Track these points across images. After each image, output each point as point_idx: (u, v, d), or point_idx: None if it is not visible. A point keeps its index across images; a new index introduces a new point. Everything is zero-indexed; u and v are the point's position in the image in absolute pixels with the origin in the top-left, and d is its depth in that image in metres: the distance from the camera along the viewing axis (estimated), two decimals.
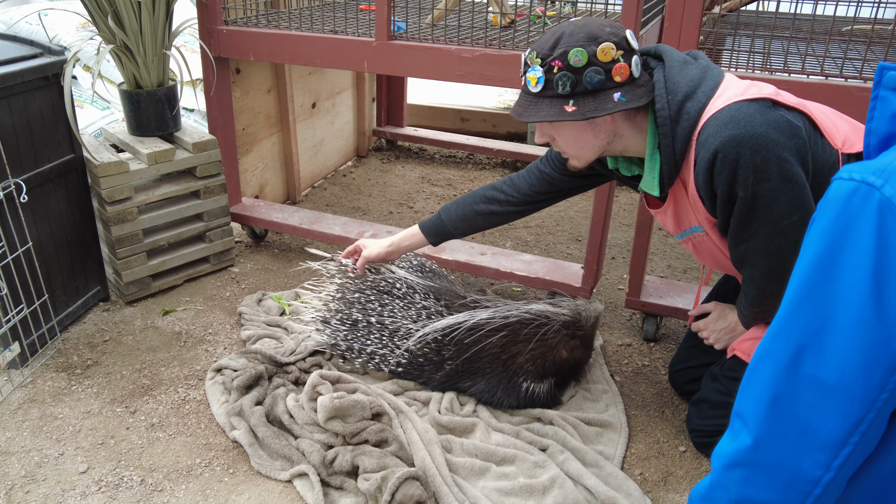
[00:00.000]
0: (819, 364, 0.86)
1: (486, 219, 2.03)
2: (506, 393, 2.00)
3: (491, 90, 4.74)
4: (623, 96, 1.50)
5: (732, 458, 0.96)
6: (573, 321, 1.98)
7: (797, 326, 0.87)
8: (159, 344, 2.30)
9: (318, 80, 3.52)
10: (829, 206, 0.85)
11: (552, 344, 1.97)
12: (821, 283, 0.85)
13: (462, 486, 1.74)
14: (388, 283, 2.11)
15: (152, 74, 2.48)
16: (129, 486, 1.73)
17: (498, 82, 2.20)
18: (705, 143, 1.46)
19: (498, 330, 1.96)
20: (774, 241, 1.50)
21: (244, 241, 3.01)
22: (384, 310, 2.06)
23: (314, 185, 3.69)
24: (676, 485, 1.81)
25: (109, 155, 2.39)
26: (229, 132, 2.81)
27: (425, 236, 2.10)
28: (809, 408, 0.87)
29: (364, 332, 2.09)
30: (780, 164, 1.41)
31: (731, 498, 0.97)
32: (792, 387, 0.88)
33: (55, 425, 1.92)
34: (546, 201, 2.01)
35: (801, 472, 0.89)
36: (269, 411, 1.92)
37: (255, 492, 1.73)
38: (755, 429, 0.93)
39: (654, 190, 1.64)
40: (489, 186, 2.03)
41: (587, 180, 1.94)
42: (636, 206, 3.49)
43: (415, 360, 2.04)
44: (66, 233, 2.31)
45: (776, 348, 0.90)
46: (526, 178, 1.98)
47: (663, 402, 2.11)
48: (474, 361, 2.00)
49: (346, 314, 2.12)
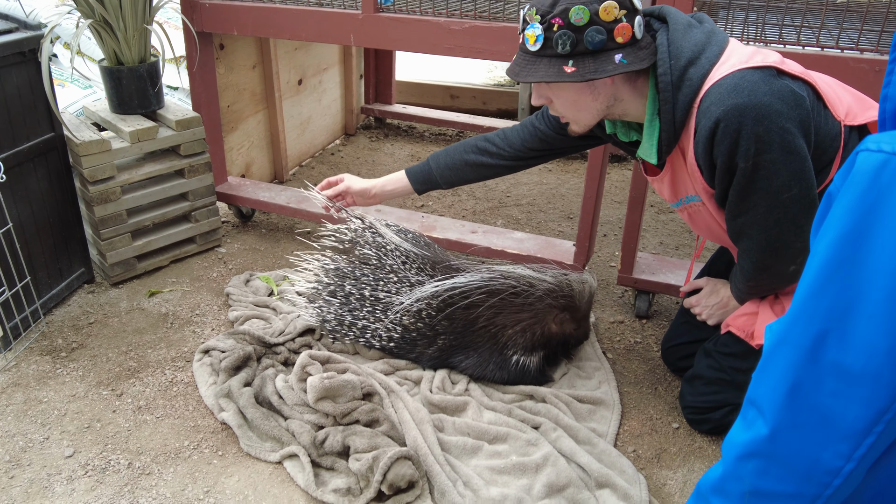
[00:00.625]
0: (843, 350, 0.80)
1: (476, 170, 1.98)
2: (497, 366, 1.98)
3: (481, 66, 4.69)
4: (624, 58, 1.45)
5: (747, 449, 0.92)
6: (561, 293, 1.95)
7: (819, 310, 0.82)
8: (146, 326, 2.26)
9: (305, 56, 3.45)
10: (856, 180, 0.78)
11: (539, 315, 1.95)
12: (846, 262, 0.79)
13: (454, 465, 1.72)
14: (381, 255, 2.06)
15: (133, 50, 2.42)
16: (116, 470, 1.70)
17: (488, 55, 2.16)
18: (707, 111, 1.42)
19: (487, 295, 1.93)
20: (773, 214, 1.47)
21: (231, 221, 2.97)
22: (377, 284, 2.02)
23: (302, 164, 3.64)
24: (670, 461, 1.80)
25: (91, 133, 2.33)
26: (213, 109, 2.75)
27: (410, 183, 2.04)
28: (832, 396, 0.82)
29: (357, 304, 2.05)
30: (783, 135, 1.38)
31: (745, 490, 0.93)
32: (813, 374, 0.83)
33: (40, 409, 1.89)
34: (537, 159, 1.97)
35: (821, 462, 0.85)
36: (258, 392, 1.90)
37: (245, 473, 1.71)
38: (772, 418, 0.88)
39: (651, 157, 1.60)
40: (481, 137, 1.98)
41: (581, 141, 1.89)
42: (628, 184, 3.46)
43: (407, 335, 2.01)
44: (48, 213, 2.26)
45: (796, 333, 0.85)
46: (519, 133, 1.93)
47: (656, 379, 2.10)
48: (465, 335, 1.98)
49: (338, 286, 2.07)
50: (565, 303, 1.96)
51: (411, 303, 1.95)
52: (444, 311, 1.96)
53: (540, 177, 3.55)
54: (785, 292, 1.68)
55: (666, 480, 1.74)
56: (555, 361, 2.10)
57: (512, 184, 3.46)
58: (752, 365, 1.74)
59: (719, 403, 1.80)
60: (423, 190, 2.06)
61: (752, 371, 1.78)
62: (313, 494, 1.63)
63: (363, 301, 2.03)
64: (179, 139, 2.49)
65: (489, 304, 1.94)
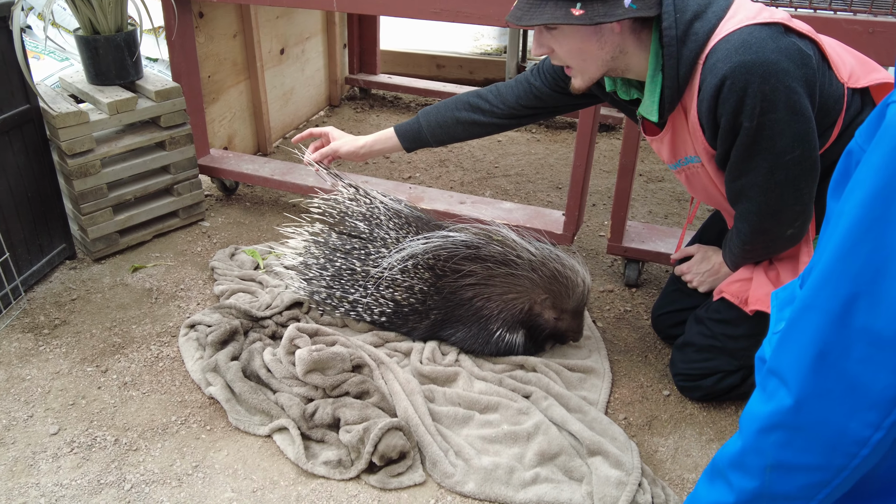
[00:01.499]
0: (874, 314, 0.76)
1: (467, 128, 1.93)
2: (483, 342, 1.96)
3: (467, 34, 4.61)
4: (634, 3, 1.40)
5: (769, 421, 0.88)
6: (548, 276, 1.89)
7: (849, 273, 0.78)
8: (130, 301, 2.22)
9: (286, 25, 3.37)
10: (889, 134, 0.73)
11: (524, 293, 1.91)
12: (877, 222, 0.74)
13: (445, 435, 1.71)
14: (373, 227, 2.02)
15: (109, 19, 2.34)
16: (102, 447, 1.68)
17: (476, 20, 2.10)
18: (713, 68, 1.39)
19: (475, 261, 1.90)
20: (774, 175, 1.45)
21: (214, 195, 2.92)
22: (368, 258, 1.99)
23: (286, 136, 3.57)
24: (661, 428, 1.80)
25: (68, 105, 2.27)
26: (194, 80, 2.68)
27: (399, 140, 1.99)
28: (861, 363, 0.78)
29: (348, 278, 2.01)
30: (789, 94, 1.36)
31: (767, 463, 0.89)
32: (841, 340, 0.79)
33: (23, 387, 1.86)
34: (530, 117, 1.92)
35: (848, 432, 0.81)
36: (246, 366, 1.87)
37: (234, 448, 1.69)
38: (797, 388, 0.84)
39: (652, 115, 1.56)
40: (473, 93, 1.92)
41: (576, 99, 1.84)
42: (616, 153, 3.43)
43: (399, 310, 1.99)
44: (26, 188, 2.20)
45: (823, 297, 0.81)
46: (513, 89, 1.88)
47: (646, 347, 2.10)
48: (455, 308, 1.95)
49: (329, 259, 2.04)
50: (552, 288, 1.90)
51: (402, 258, 1.91)
52: (435, 284, 1.93)
53: (528, 147, 3.51)
54: (779, 258, 1.67)
55: (657, 447, 1.74)
56: (539, 342, 2.06)
57: (500, 154, 3.42)
58: (745, 332, 1.75)
59: (710, 370, 1.79)
60: (413, 148, 2.01)
61: (743, 338, 1.78)
62: (304, 467, 1.62)
63: (354, 275, 2.00)
64: (159, 110, 2.43)
65: (476, 274, 1.91)
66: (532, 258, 1.90)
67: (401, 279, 1.94)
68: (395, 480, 1.60)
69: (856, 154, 0.80)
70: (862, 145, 0.79)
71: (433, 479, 1.62)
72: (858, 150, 0.80)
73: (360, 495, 1.58)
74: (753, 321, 1.69)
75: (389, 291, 1.97)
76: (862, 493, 0.91)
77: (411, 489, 1.60)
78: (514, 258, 1.90)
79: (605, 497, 1.54)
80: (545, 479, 1.61)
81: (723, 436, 1.78)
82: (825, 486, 0.86)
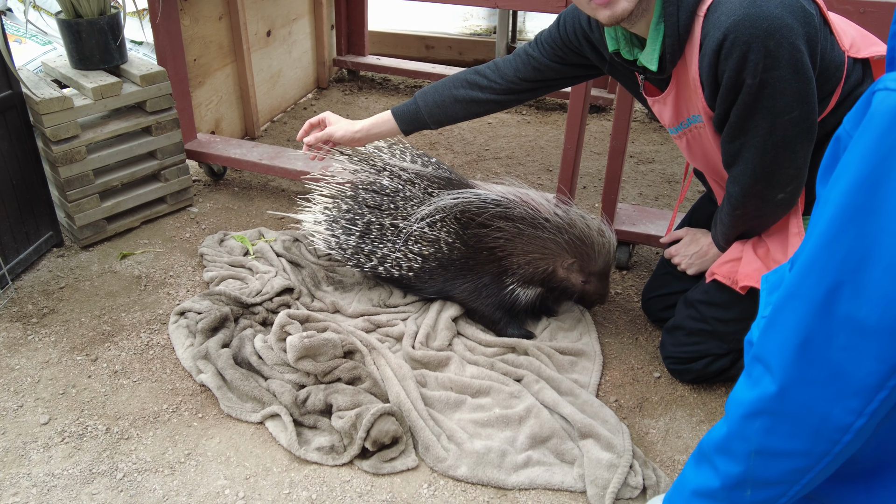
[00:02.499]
0: (857, 303, 0.77)
1: (465, 107, 1.92)
2: (490, 294, 1.98)
3: (456, 15, 4.55)
4: None
5: (753, 407, 0.90)
6: (576, 238, 1.90)
7: (833, 261, 0.78)
8: (118, 289, 2.20)
9: (273, 6, 3.33)
10: (875, 122, 0.73)
11: (549, 254, 1.92)
12: (862, 210, 0.74)
13: (438, 420, 1.72)
14: (402, 183, 2.02)
15: (92, 2, 2.30)
16: (93, 436, 1.67)
17: (466, 1, 2.08)
18: (717, 22, 1.36)
19: (503, 219, 1.92)
20: (773, 136, 1.43)
21: (202, 180, 2.89)
22: (397, 211, 1.98)
23: (273, 120, 3.54)
24: (652, 410, 1.81)
25: (51, 90, 2.23)
26: (180, 63, 2.65)
27: (397, 123, 1.98)
28: (844, 351, 0.79)
29: (377, 234, 2.01)
30: (793, 52, 1.33)
31: (752, 449, 0.91)
32: (825, 328, 0.80)
33: (12, 377, 1.85)
34: (529, 91, 1.90)
35: (831, 419, 0.82)
36: (237, 353, 1.87)
37: (226, 435, 1.69)
38: (781, 375, 0.85)
39: (652, 63, 1.52)
40: (471, 70, 1.91)
41: (575, 70, 1.83)
42: (606, 135, 3.42)
43: (427, 266, 2.00)
44: (10, 175, 2.17)
45: (807, 285, 0.81)
46: (512, 63, 1.86)
47: (636, 330, 2.10)
48: (475, 257, 1.97)
49: (358, 214, 2.03)
50: (580, 251, 1.91)
51: (433, 210, 1.93)
52: (462, 237, 1.95)
53: (518, 129, 3.50)
54: (769, 234, 1.67)
55: (648, 429, 1.75)
56: (536, 317, 2.08)
57: (490, 137, 3.40)
58: (735, 315, 1.75)
59: (700, 354, 1.80)
60: (411, 130, 2.00)
61: (734, 321, 1.78)
62: (296, 453, 1.62)
63: (383, 230, 2.00)
64: (145, 95, 2.40)
65: (504, 230, 1.92)
66: (560, 221, 1.91)
67: (429, 233, 1.95)
68: (387, 465, 1.61)
69: (843, 140, 0.80)
70: (850, 131, 0.78)
71: (426, 463, 1.63)
72: (846, 136, 0.79)
73: (354, 480, 1.58)
74: (744, 305, 1.69)
75: (418, 246, 1.98)
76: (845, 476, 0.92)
77: (404, 474, 1.60)
78: (542, 220, 1.91)
79: (596, 479, 1.55)
80: (537, 462, 1.62)
81: (713, 417, 1.79)
82: (808, 472, 0.88)
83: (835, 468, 0.87)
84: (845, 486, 0.93)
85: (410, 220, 1.96)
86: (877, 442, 0.87)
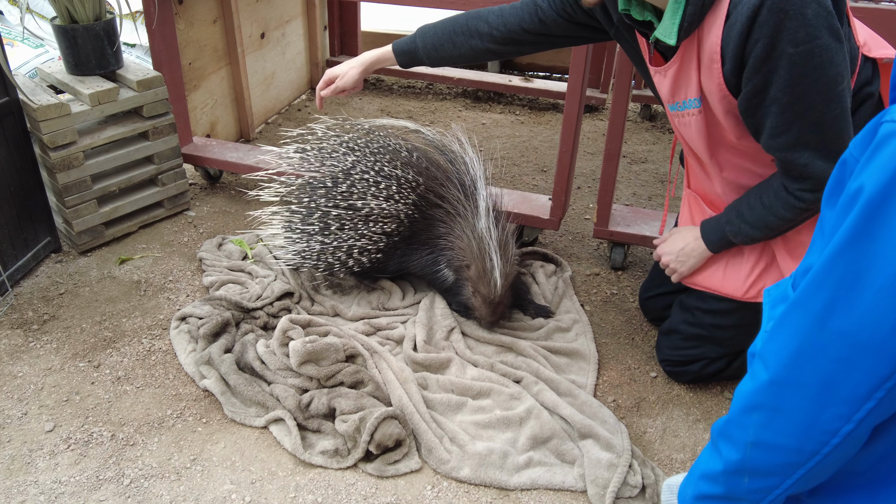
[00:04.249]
0: (849, 319, 0.82)
1: (463, 53, 1.89)
2: (431, 270, 2.08)
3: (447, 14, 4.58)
4: None
5: (751, 400, 0.96)
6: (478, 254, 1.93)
7: (831, 278, 0.83)
8: (118, 294, 2.21)
9: (266, 8, 3.33)
10: (880, 151, 0.77)
11: (465, 249, 1.97)
12: (862, 234, 0.79)
13: (440, 422, 1.74)
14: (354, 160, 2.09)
15: (87, 7, 2.30)
16: (99, 442, 1.69)
17: (459, 6, 2.10)
18: None
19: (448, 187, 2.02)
20: (831, 110, 1.33)
21: (199, 183, 2.90)
22: (354, 199, 2.03)
23: (268, 121, 3.55)
24: (649, 410, 1.85)
25: (48, 97, 2.23)
26: (175, 68, 2.65)
27: (396, 57, 1.97)
28: (835, 362, 0.85)
29: (335, 223, 2.05)
30: (829, 19, 1.27)
31: (749, 440, 0.97)
32: (819, 339, 0.86)
33: (15, 384, 1.85)
34: (529, 44, 1.84)
35: (821, 421, 0.88)
36: (240, 358, 1.88)
37: (231, 440, 1.71)
38: (775, 374, 0.91)
39: (671, 37, 1.41)
40: (474, 14, 1.86)
41: (581, 30, 1.76)
42: (599, 135, 3.45)
43: (391, 241, 2.07)
44: (8, 182, 2.17)
45: (808, 297, 0.87)
46: (518, 11, 1.80)
47: (633, 330, 2.14)
48: (427, 230, 2.06)
49: (309, 209, 2.09)
50: (478, 266, 1.94)
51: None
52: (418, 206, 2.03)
53: (512, 130, 3.52)
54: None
55: (646, 429, 1.79)
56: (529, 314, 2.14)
57: (485, 137, 3.42)
58: (733, 322, 1.76)
59: (696, 357, 1.83)
60: (409, 65, 1.99)
61: (731, 328, 1.80)
62: (301, 457, 1.65)
63: (341, 220, 2.05)
64: (142, 100, 2.40)
65: (446, 208, 2.01)
66: (480, 232, 1.93)
67: (388, 208, 2.01)
68: (391, 468, 1.63)
69: (850, 164, 0.84)
70: (856, 156, 0.82)
71: (429, 465, 1.65)
72: (853, 161, 0.83)
73: (358, 483, 1.61)
74: (742, 313, 1.72)
75: (380, 225, 2.03)
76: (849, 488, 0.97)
77: (408, 476, 1.63)
78: (473, 219, 1.96)
79: (596, 479, 1.58)
80: (538, 462, 1.65)
81: (709, 416, 1.83)
82: (800, 468, 0.93)
83: (828, 470, 0.92)
84: (849, 498, 0.98)
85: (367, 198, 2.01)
86: (880, 453, 0.91)
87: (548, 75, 4.05)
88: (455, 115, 3.67)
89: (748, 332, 1.74)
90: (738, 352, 1.81)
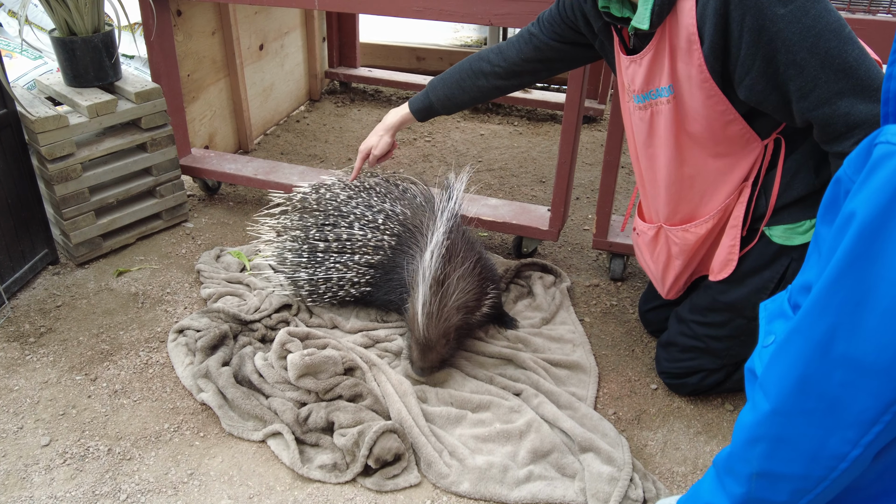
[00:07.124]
0: (853, 344, 0.81)
1: (473, 95, 2.03)
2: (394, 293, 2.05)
3: (446, 26, 4.58)
4: None
5: (754, 433, 0.94)
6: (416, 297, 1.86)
7: (833, 303, 0.82)
8: (116, 306, 2.20)
9: (265, 20, 3.34)
10: (875, 174, 0.77)
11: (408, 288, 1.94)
12: (861, 257, 0.78)
13: (439, 436, 1.73)
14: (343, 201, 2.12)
15: (86, 19, 2.30)
16: (95, 457, 1.67)
17: (458, 18, 2.11)
18: None
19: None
20: (850, 52, 1.27)
21: (197, 195, 2.89)
22: (341, 230, 2.05)
23: (266, 133, 3.55)
24: (650, 422, 1.83)
25: (46, 109, 2.23)
26: (174, 79, 2.65)
27: (413, 114, 2.12)
28: (841, 387, 0.84)
29: (322, 256, 2.05)
30: None
31: (753, 471, 0.95)
32: (823, 366, 0.85)
33: (11, 398, 1.84)
34: (530, 74, 1.95)
35: (828, 447, 0.87)
36: (237, 371, 1.87)
37: (229, 454, 1.69)
38: (777, 404, 0.90)
39: (644, 22, 1.42)
40: (476, 56, 2.00)
41: (573, 50, 1.84)
42: (597, 145, 3.45)
43: (377, 274, 2.05)
44: (6, 194, 2.17)
45: (808, 324, 0.86)
46: (515, 43, 1.91)
47: (633, 341, 2.13)
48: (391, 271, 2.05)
49: (302, 239, 2.10)
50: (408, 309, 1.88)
51: None
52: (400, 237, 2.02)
53: (511, 140, 3.52)
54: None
55: (647, 441, 1.77)
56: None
57: (483, 148, 3.43)
58: (727, 333, 1.77)
59: (695, 369, 1.82)
60: (426, 118, 2.15)
61: (726, 339, 1.80)
62: (299, 472, 1.63)
63: (329, 247, 2.05)
64: (140, 112, 2.40)
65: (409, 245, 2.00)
66: (424, 269, 1.82)
67: (372, 240, 2.01)
68: (390, 482, 1.62)
69: (844, 183, 0.83)
70: (851, 176, 0.82)
71: (428, 479, 1.64)
72: (847, 180, 0.82)
73: (357, 498, 1.59)
74: (736, 324, 1.72)
75: (366, 258, 2.02)
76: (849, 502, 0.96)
77: (407, 490, 1.62)
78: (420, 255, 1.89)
79: (597, 493, 1.57)
80: (539, 476, 1.64)
81: (710, 429, 1.82)
82: (807, 493, 0.92)
83: (835, 492, 0.91)
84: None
85: (354, 228, 2.04)
86: (881, 468, 0.90)
87: (546, 86, 4.05)
88: (453, 126, 3.68)
89: (744, 343, 1.75)
90: (738, 363, 1.81)
